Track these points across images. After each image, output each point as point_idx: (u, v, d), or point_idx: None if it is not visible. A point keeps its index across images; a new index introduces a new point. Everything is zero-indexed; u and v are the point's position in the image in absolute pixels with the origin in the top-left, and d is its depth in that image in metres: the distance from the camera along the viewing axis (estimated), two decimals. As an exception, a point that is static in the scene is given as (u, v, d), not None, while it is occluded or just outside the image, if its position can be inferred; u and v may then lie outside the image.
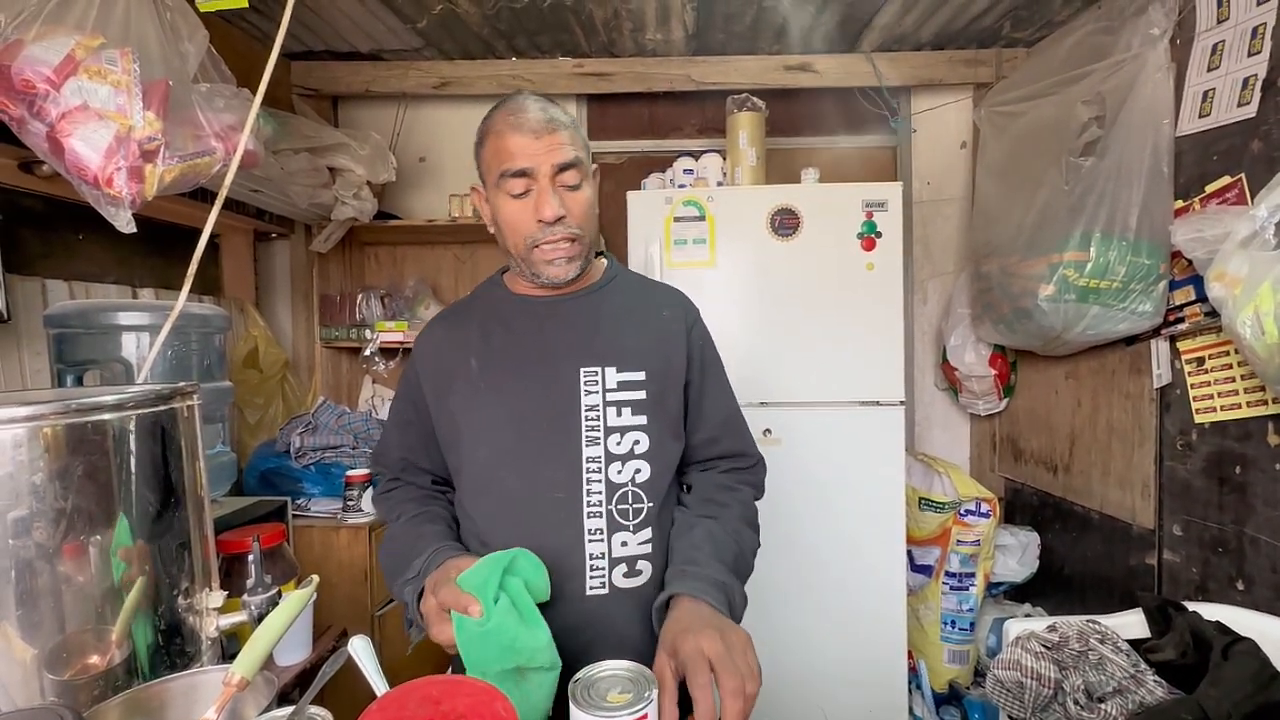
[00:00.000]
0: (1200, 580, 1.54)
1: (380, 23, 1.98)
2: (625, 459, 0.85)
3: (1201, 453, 1.54)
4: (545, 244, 0.84)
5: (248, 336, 2.03)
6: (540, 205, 0.82)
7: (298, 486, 1.78)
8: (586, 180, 0.86)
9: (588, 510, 0.83)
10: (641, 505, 0.85)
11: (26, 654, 0.60)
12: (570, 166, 0.82)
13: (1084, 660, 1.11)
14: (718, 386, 0.96)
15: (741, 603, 0.81)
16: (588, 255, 0.88)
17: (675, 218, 1.85)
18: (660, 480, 0.87)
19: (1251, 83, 1.38)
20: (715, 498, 0.90)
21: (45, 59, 0.95)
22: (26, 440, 0.60)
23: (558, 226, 0.83)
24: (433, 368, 0.92)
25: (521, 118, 0.82)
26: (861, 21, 2.05)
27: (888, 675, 1.86)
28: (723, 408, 0.96)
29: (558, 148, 0.82)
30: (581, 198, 0.85)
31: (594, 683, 0.61)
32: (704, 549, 0.81)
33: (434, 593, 0.71)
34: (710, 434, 0.94)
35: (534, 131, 0.81)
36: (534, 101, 0.84)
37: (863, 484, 1.85)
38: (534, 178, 0.82)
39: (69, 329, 1.21)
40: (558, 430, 0.84)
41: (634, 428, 0.86)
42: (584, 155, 0.85)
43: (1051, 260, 1.64)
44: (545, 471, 0.84)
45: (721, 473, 0.95)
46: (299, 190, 1.89)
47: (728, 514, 0.88)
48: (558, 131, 0.82)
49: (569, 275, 0.86)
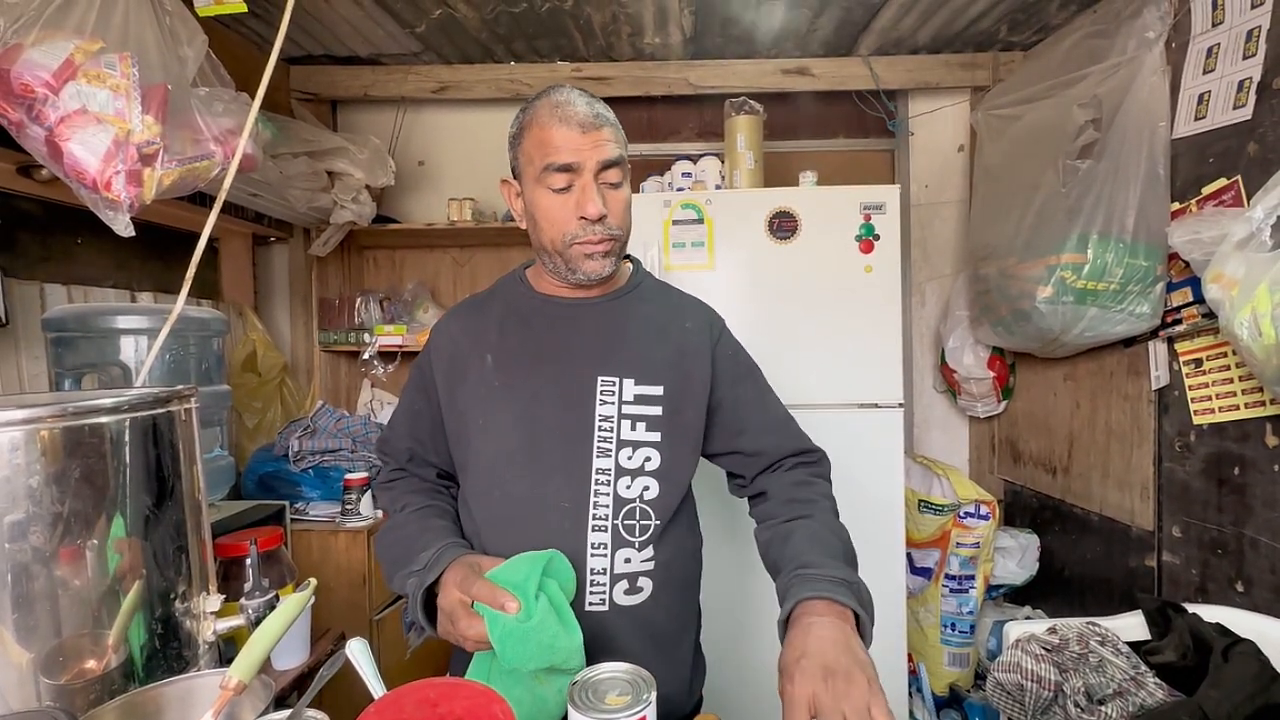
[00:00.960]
0: (1200, 582, 1.54)
1: (379, 27, 1.99)
2: (635, 474, 0.83)
3: (1200, 454, 1.54)
4: (585, 241, 0.82)
5: (246, 340, 2.03)
6: (584, 202, 0.80)
7: (296, 490, 1.77)
8: (626, 180, 0.84)
9: (593, 523, 0.81)
10: (649, 522, 0.83)
11: (23, 658, 0.60)
12: (614, 165, 0.81)
13: (1084, 662, 1.11)
14: (758, 393, 0.93)
15: (868, 596, 0.73)
16: (620, 255, 0.87)
17: (673, 221, 1.85)
18: (669, 498, 0.85)
19: (1247, 85, 1.39)
20: (798, 496, 0.86)
21: (44, 63, 0.95)
22: (23, 443, 0.60)
23: (599, 226, 0.81)
24: (447, 359, 0.89)
25: (568, 110, 0.80)
26: (859, 25, 2.06)
27: (888, 678, 1.82)
28: (769, 412, 0.93)
29: (604, 144, 0.80)
30: (622, 197, 0.83)
31: (593, 685, 0.61)
32: (813, 550, 0.76)
33: (458, 587, 0.69)
34: (770, 440, 0.91)
35: (581, 126, 0.79)
36: (580, 95, 0.82)
37: (862, 486, 1.85)
38: (578, 173, 0.80)
39: (67, 333, 1.21)
40: (569, 438, 0.83)
41: (646, 443, 0.83)
42: (625, 154, 0.84)
43: (1049, 262, 1.64)
44: (553, 479, 0.82)
45: (789, 470, 0.91)
46: (298, 194, 1.89)
47: (818, 509, 0.84)
48: (603, 128, 0.80)
49: (605, 271, 0.84)
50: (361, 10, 1.87)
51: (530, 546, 0.75)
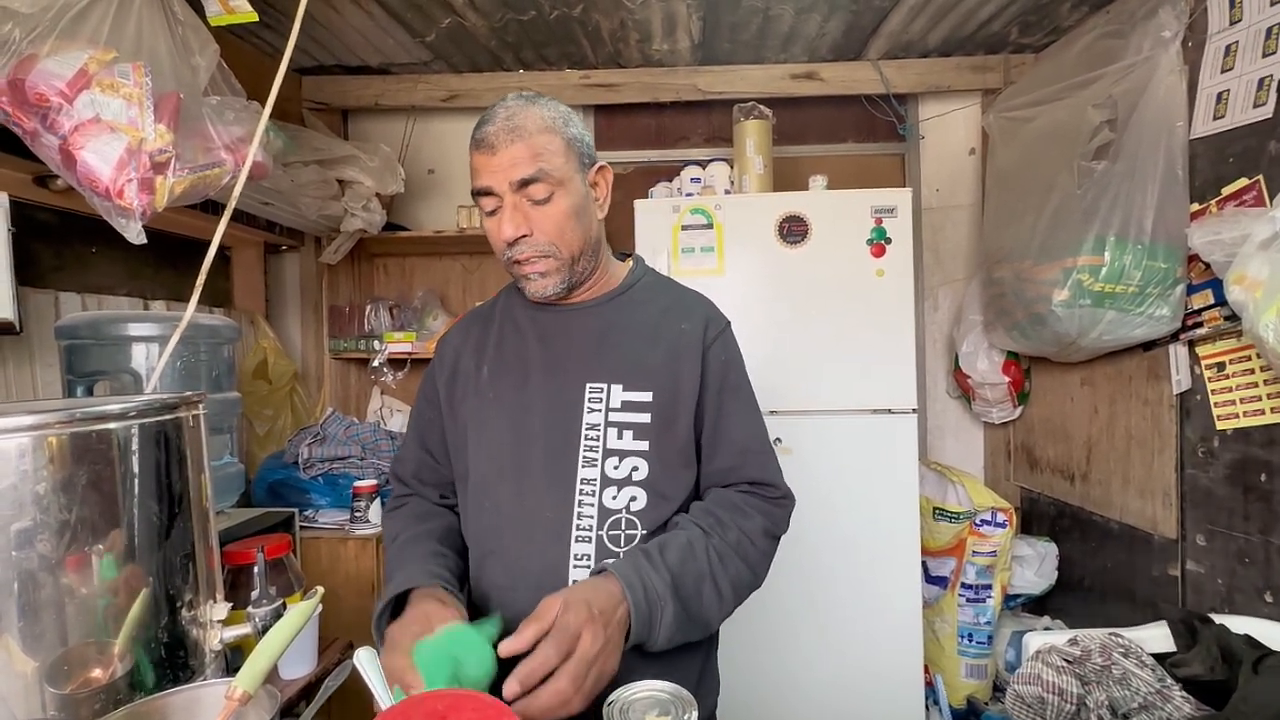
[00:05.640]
0: (1226, 592, 1.50)
1: (389, 37, 2.00)
2: (622, 484, 0.81)
3: (1224, 460, 1.50)
4: (515, 261, 0.82)
5: (257, 348, 2.04)
6: (499, 225, 0.80)
7: (305, 498, 1.77)
8: (561, 191, 0.79)
9: (576, 534, 0.79)
10: (635, 533, 0.80)
11: (28, 667, 0.59)
12: (532, 181, 0.77)
13: (1108, 675, 1.08)
14: (740, 410, 0.87)
15: (668, 625, 0.71)
16: (577, 269, 0.84)
17: (683, 226, 1.85)
18: (657, 510, 0.81)
19: (1267, 83, 1.36)
20: (717, 514, 0.81)
21: (59, 73, 0.96)
22: (31, 450, 0.60)
23: (521, 246, 0.80)
24: (449, 372, 0.91)
25: (483, 131, 0.79)
26: (868, 29, 2.05)
27: (904, 690, 1.82)
28: (744, 434, 0.86)
29: (516, 163, 0.77)
30: (551, 212, 0.79)
31: (630, 704, 0.59)
32: (667, 555, 0.74)
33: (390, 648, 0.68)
34: (729, 462, 0.85)
35: (491, 147, 0.78)
36: (503, 109, 0.80)
37: (876, 493, 1.82)
38: (499, 196, 0.79)
39: (79, 340, 1.22)
40: (555, 448, 0.81)
41: (634, 453, 0.81)
42: (560, 162, 0.79)
43: (1065, 265, 1.62)
44: (537, 491, 0.81)
45: (740, 492, 0.85)
46: (309, 202, 1.90)
47: (720, 535, 0.79)
48: (517, 143, 0.77)
49: (546, 291, 0.83)
50: (372, 20, 1.89)
51: (516, 558, 0.75)
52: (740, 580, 0.80)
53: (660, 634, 0.71)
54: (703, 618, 0.76)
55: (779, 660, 1.83)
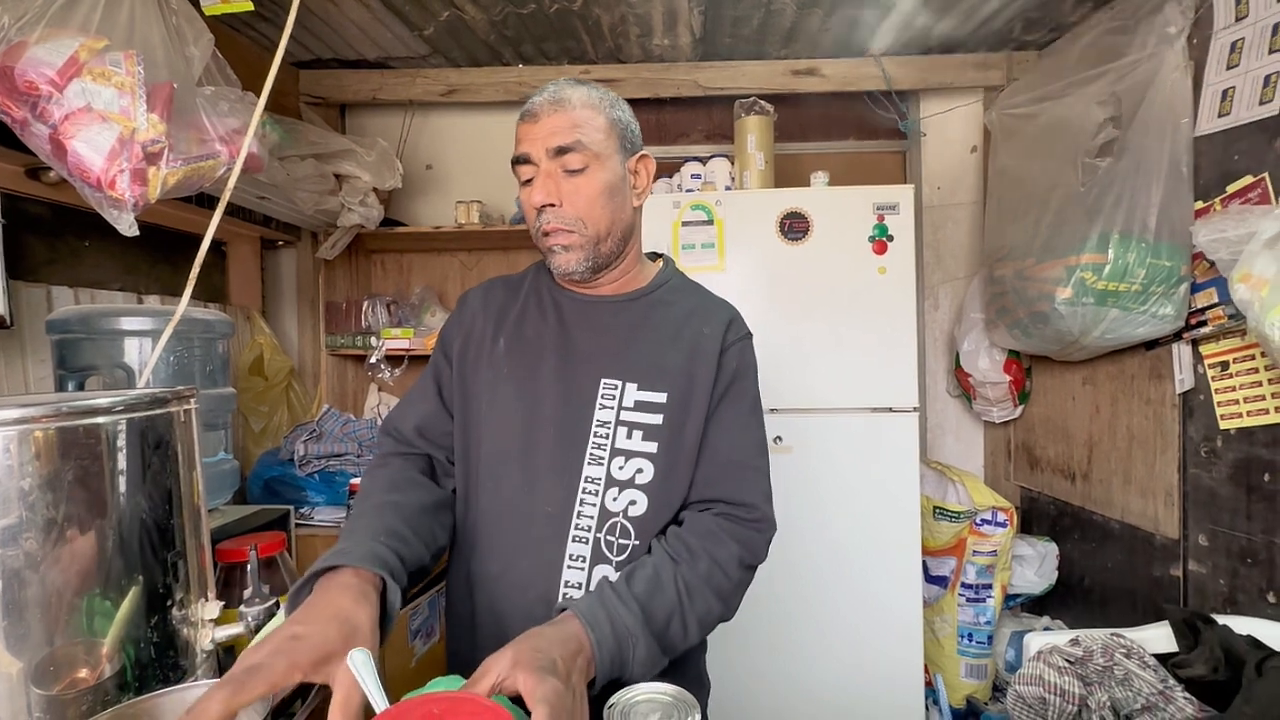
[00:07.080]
0: (1229, 592, 1.49)
1: (387, 30, 1.98)
2: (624, 486, 0.79)
3: (1227, 460, 1.49)
4: (542, 232, 0.80)
5: (253, 344, 2.02)
6: (531, 190, 0.79)
7: (301, 495, 1.76)
8: (597, 165, 0.78)
9: (573, 534, 0.77)
10: (628, 542, 0.78)
11: (13, 667, 0.58)
12: (569, 150, 0.76)
13: (1109, 675, 1.07)
14: (735, 421, 0.83)
15: (641, 661, 0.67)
16: (602, 250, 0.81)
17: (683, 222, 1.83)
18: (655, 518, 0.79)
19: (1273, 80, 1.35)
20: (690, 543, 0.76)
21: (49, 60, 0.94)
22: (16, 444, 0.58)
23: (548, 215, 0.78)
24: (466, 332, 0.88)
25: (530, 103, 0.79)
26: (870, 25, 2.04)
27: (903, 690, 1.81)
28: (730, 445, 0.82)
29: (556, 131, 0.76)
30: (583, 184, 0.78)
31: (631, 707, 0.57)
32: (635, 586, 0.70)
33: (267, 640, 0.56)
34: (707, 472, 0.81)
35: (535, 116, 0.78)
36: (553, 84, 0.80)
37: (876, 492, 1.81)
38: (535, 164, 0.78)
39: (71, 334, 1.20)
40: (563, 441, 0.80)
41: (641, 454, 0.79)
42: (599, 138, 0.78)
43: (1068, 263, 1.60)
44: (542, 482, 0.79)
45: (715, 515, 0.80)
46: (305, 197, 1.88)
47: (691, 566, 0.74)
48: (559, 113, 0.77)
49: (570, 267, 0.81)
50: (369, 13, 1.87)
51: (514, 548, 0.73)
52: (708, 615, 0.75)
53: (635, 669, 0.67)
54: (673, 649, 0.73)
55: (779, 660, 1.82)
